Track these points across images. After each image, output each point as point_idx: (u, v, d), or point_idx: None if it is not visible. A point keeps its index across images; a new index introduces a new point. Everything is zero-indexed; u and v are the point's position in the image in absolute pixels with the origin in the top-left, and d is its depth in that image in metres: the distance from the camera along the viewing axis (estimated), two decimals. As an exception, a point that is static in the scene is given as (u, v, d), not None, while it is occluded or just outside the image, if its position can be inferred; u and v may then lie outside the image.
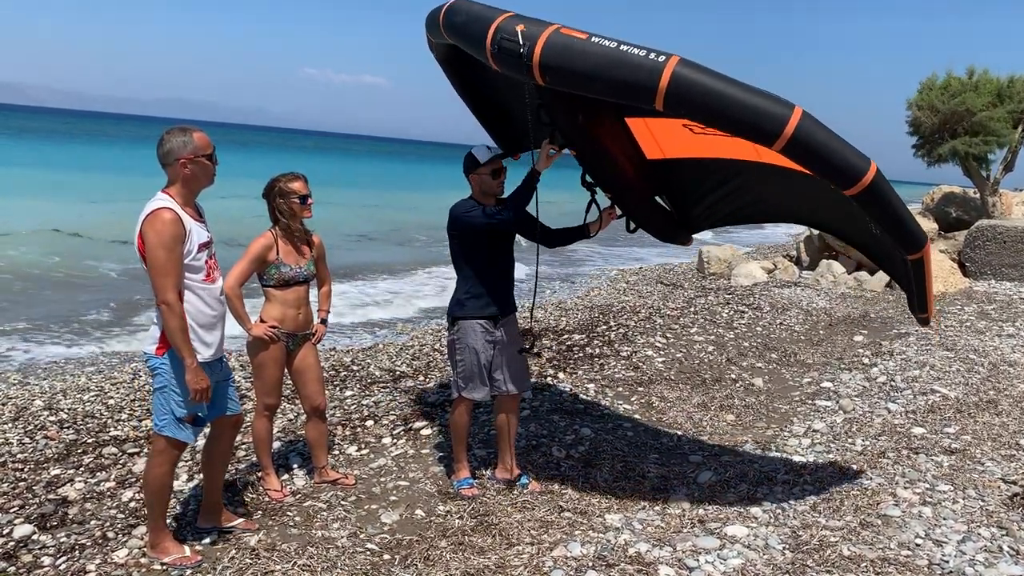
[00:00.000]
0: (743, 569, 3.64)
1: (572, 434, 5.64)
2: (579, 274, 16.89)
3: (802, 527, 4.11)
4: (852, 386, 7.06)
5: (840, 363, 7.94)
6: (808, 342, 9.03)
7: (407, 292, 13.71)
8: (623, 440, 5.56)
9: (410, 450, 5.26)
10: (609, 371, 7.46)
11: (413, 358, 7.82)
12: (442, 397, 6.42)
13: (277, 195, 4.36)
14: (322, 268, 4.64)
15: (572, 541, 3.96)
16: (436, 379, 7.03)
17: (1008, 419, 6.02)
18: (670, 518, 4.27)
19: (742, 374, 7.51)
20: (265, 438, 4.55)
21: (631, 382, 7.09)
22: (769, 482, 4.80)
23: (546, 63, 3.46)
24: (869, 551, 3.82)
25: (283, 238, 4.38)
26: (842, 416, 6.17)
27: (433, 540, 3.99)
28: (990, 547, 3.89)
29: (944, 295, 12.52)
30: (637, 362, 7.82)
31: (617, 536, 4.03)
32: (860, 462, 5.08)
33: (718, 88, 3.32)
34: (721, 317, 10.33)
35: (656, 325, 9.69)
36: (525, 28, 3.53)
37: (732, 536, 4.00)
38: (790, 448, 5.42)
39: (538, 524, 4.18)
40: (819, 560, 3.70)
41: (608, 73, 3.39)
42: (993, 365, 7.87)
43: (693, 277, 14.68)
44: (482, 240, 4.45)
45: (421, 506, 4.43)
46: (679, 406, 6.41)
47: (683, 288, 13.14)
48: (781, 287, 12.85)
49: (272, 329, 4.33)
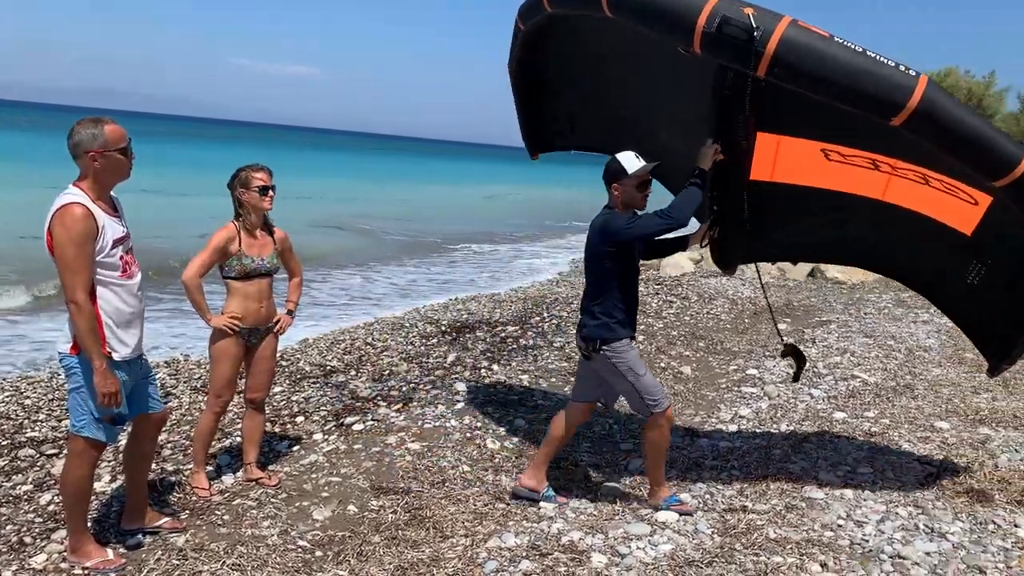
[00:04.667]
0: (673, 554, 3.71)
1: (506, 425, 5.66)
2: (513, 267, 16.97)
3: (730, 511, 4.21)
4: (776, 373, 7.25)
5: (765, 351, 8.15)
6: (734, 330, 9.24)
7: (338, 285, 13.52)
8: (556, 430, 5.59)
9: (342, 445, 5.20)
10: (543, 362, 7.50)
11: (345, 352, 7.72)
12: (374, 391, 6.37)
13: (239, 185, 4.29)
14: (291, 261, 4.63)
15: (506, 532, 3.97)
16: (368, 373, 6.96)
17: (923, 402, 6.27)
18: (602, 506, 4.32)
19: (671, 362, 7.64)
20: (207, 434, 4.44)
21: (564, 372, 7.14)
22: (697, 468, 4.91)
23: (782, 57, 3.27)
24: (794, 533, 3.93)
25: (245, 229, 4.32)
26: (767, 402, 6.34)
27: (366, 535, 3.96)
28: (907, 526, 4.04)
29: (863, 283, 12.96)
30: (570, 352, 7.87)
31: (551, 525, 4.06)
32: (785, 447, 5.23)
33: (962, 116, 3.27)
34: (651, 307, 10.48)
35: (588, 316, 9.77)
36: (756, 13, 3.31)
37: (662, 522, 4.07)
38: (717, 434, 5.54)
39: (472, 516, 4.18)
40: (746, 543, 3.80)
41: (850, 80, 3.24)
42: (909, 351, 8.19)
43: (624, 268, 14.85)
44: (633, 253, 4.19)
45: (353, 502, 4.39)
46: (611, 395, 6.48)
47: (614, 279, 13.28)
48: (708, 277, 13.12)
49: (232, 321, 4.25)
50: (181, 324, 9.41)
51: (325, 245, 17.10)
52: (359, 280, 14.20)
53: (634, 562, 3.65)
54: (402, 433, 5.40)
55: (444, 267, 16.59)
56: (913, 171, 3.86)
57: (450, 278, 15.01)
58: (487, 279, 14.86)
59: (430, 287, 13.87)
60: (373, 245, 18.68)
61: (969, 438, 5.41)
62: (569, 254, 19.12)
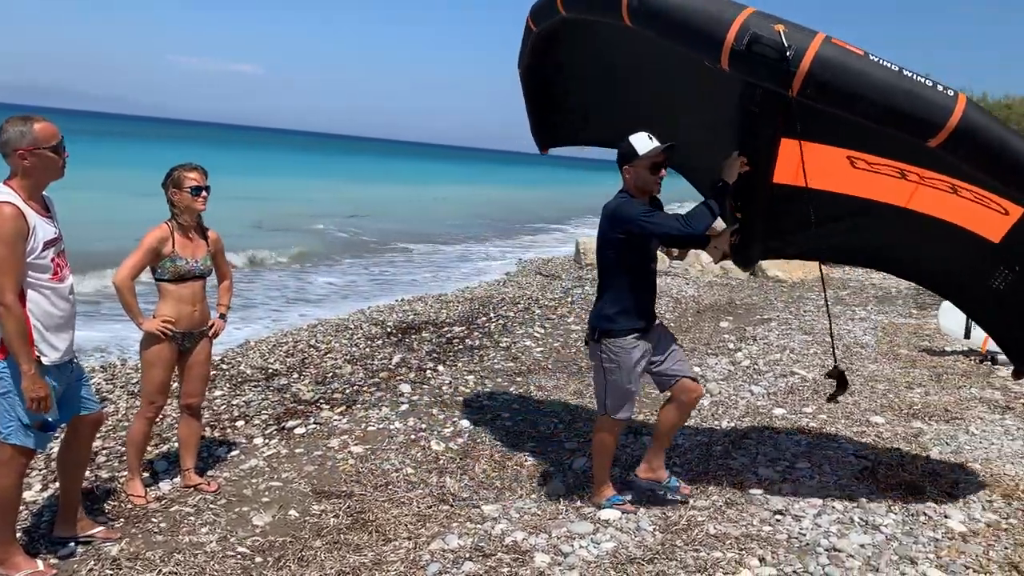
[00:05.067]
0: (615, 552, 3.73)
1: (451, 426, 5.64)
2: (461, 267, 16.94)
3: (671, 508, 4.26)
4: (718, 370, 7.36)
5: (707, 348, 8.27)
6: (677, 329, 9.35)
7: (274, 286, 13.31)
8: (502, 431, 5.60)
9: (283, 450, 5.13)
10: (489, 362, 7.50)
11: (287, 355, 7.62)
12: (317, 394, 6.29)
13: (171, 185, 4.20)
14: (222, 263, 4.54)
15: (450, 534, 3.96)
16: (311, 376, 6.87)
17: (859, 397, 6.43)
18: (546, 505, 4.34)
19: (617, 362, 7.70)
20: (140, 440, 4.33)
21: (510, 372, 7.15)
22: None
23: (816, 76, 3.18)
24: (734, 528, 3.99)
25: (179, 231, 4.22)
26: (708, 399, 6.42)
27: (307, 540, 3.90)
28: (843, 519, 4.14)
29: (803, 281, 13.24)
30: (516, 352, 7.89)
31: (494, 526, 4.05)
32: (725, 443, 5.31)
33: (1003, 137, 3.21)
34: (597, 307, 10.54)
35: (535, 315, 9.82)
36: (787, 30, 3.20)
37: (605, 520, 4.10)
38: (661, 432, 5.60)
39: (416, 518, 4.16)
40: (687, 539, 3.84)
41: (886, 100, 3.16)
42: (847, 347, 8.40)
43: (570, 268, 14.93)
44: (648, 245, 4.06)
45: (295, 506, 4.33)
46: (556, 394, 6.51)
47: (561, 279, 13.36)
48: (654, 276, 13.26)
49: (165, 324, 4.15)
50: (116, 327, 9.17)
51: (268, 245, 16.83)
52: (297, 281, 13.92)
53: (577, 561, 3.67)
54: (345, 436, 5.35)
55: (386, 267, 16.47)
56: (941, 181, 3.77)
57: (393, 278, 14.91)
58: (433, 279, 14.79)
59: (371, 287, 13.74)
60: (316, 245, 18.41)
61: (903, 432, 5.57)
62: (517, 254, 19.15)
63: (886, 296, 12.41)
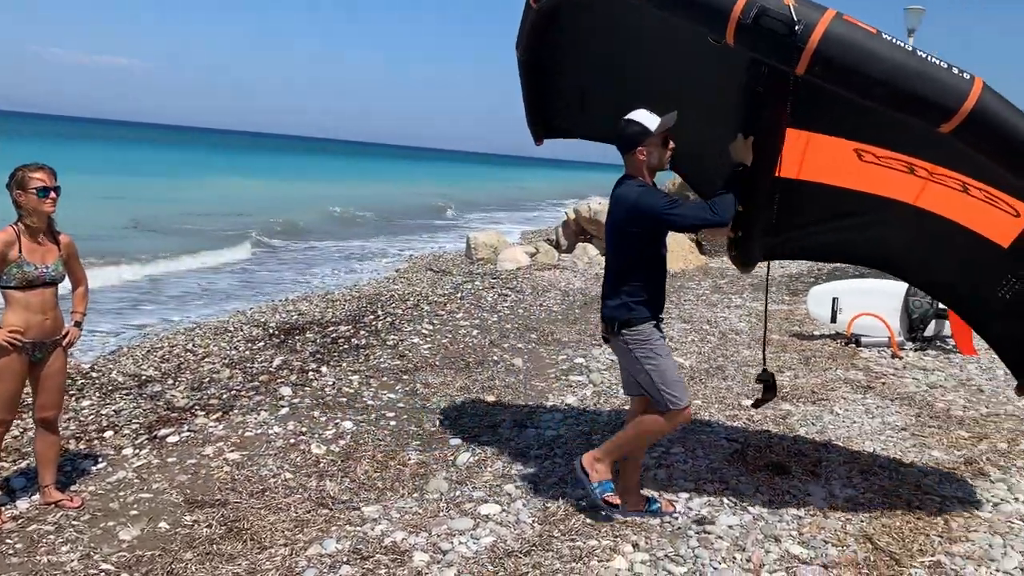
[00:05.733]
0: (493, 546, 3.77)
1: (333, 428, 5.54)
2: (349, 264, 16.68)
3: (551, 499, 4.32)
4: (602, 360, 7.51)
5: (592, 340, 8.43)
6: (565, 321, 9.50)
7: (158, 287, 12.78)
8: (385, 430, 5.55)
9: (154, 460, 4.92)
10: (375, 361, 7.41)
11: (162, 360, 7.32)
12: (192, 401, 6.07)
13: (15, 186, 3.94)
14: (76, 267, 4.28)
15: (328, 538, 3.90)
16: (187, 382, 6.63)
17: (732, 382, 6.70)
18: (428, 504, 4.32)
19: (503, 355, 7.76)
20: None
21: (396, 371, 7.09)
22: (523, 458, 5.00)
23: (825, 53, 2.99)
24: (610, 516, 4.08)
25: (27, 234, 3.97)
26: (592, 389, 6.55)
27: (177, 553, 3.77)
28: (713, 501, 4.30)
29: (684, 271, 13.67)
30: (403, 350, 7.83)
31: (374, 527, 4.02)
32: (606, 432, 5.42)
33: (1017, 121, 3.01)
34: (486, 301, 10.60)
35: (423, 312, 9.77)
36: (796, 4, 3.01)
37: (486, 515, 4.12)
38: (544, 423, 5.67)
39: (293, 524, 4.07)
40: (564, 529, 3.91)
41: (897, 81, 2.98)
42: (723, 334, 8.72)
43: (462, 263, 14.93)
44: (664, 234, 3.92)
45: (165, 518, 4.16)
46: (443, 391, 6.50)
47: (451, 274, 13.34)
48: (542, 270, 13.42)
49: (12, 335, 3.89)
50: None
51: (130, 246, 16.09)
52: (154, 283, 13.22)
53: (456, 558, 3.68)
54: (221, 443, 5.18)
55: (268, 265, 16.04)
56: (952, 178, 3.64)
57: (273, 277, 14.54)
58: (317, 277, 14.51)
59: (248, 287, 13.31)
60: (184, 244, 17.58)
61: (772, 415, 5.82)
62: (406, 250, 19.02)
63: (760, 284, 12.96)
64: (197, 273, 14.38)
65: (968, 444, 5.39)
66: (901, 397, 6.42)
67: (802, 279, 13.14)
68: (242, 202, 28.74)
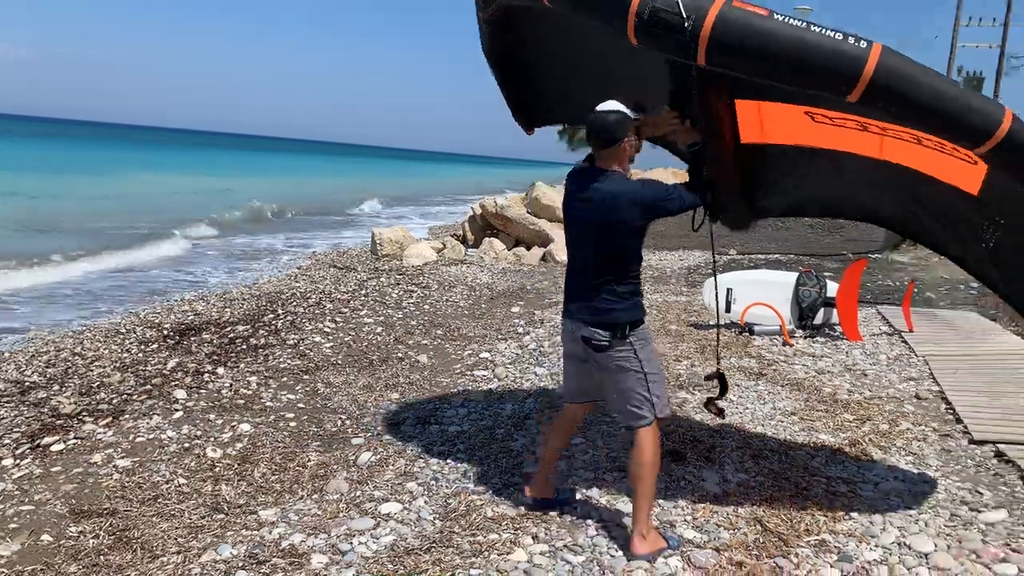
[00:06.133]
0: (393, 545, 3.75)
1: (230, 431, 5.40)
2: (248, 262, 16.25)
3: (453, 495, 4.33)
4: (507, 354, 7.56)
5: (498, 334, 8.48)
6: (471, 316, 9.52)
7: (50, 290, 12.16)
8: (284, 432, 5.44)
9: (37, 470, 4.69)
10: (274, 361, 7.25)
11: (48, 365, 6.98)
12: (80, 407, 5.81)
13: None
14: None
15: (223, 543, 3.80)
16: (74, 387, 6.34)
17: (633, 373, 6.83)
18: (327, 505, 4.26)
19: (408, 352, 7.71)
20: None
21: (297, 371, 6.96)
22: (426, 455, 4.99)
23: (719, 40, 2.95)
24: (511, 510, 4.13)
25: None
26: (496, 383, 6.59)
27: (61, 567, 3.61)
28: (611, 491, 4.39)
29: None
30: (304, 349, 7.69)
31: (271, 531, 3.94)
32: (508, 426, 5.47)
33: (926, 80, 2.95)
34: (391, 298, 10.52)
35: (326, 310, 9.61)
36: None
37: (386, 514, 4.10)
38: (447, 419, 5.67)
39: (187, 531, 3.95)
40: (465, 524, 3.93)
41: (798, 59, 2.93)
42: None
43: (367, 260, 14.77)
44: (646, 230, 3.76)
45: (48, 530, 3.97)
46: (345, 390, 6.41)
47: (356, 271, 13.18)
48: (449, 265, 13.40)
49: None
50: None
51: (14, 248, 15.28)
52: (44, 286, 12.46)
53: (355, 558, 3.65)
54: (110, 450, 4.98)
55: (169, 263, 15.50)
56: (903, 132, 3.56)
57: (172, 275, 14.06)
58: (212, 274, 14.09)
59: (145, 286, 12.86)
60: (81, 244, 16.83)
61: (671, 402, 5.96)
62: (309, 247, 18.68)
63: (661, 276, 13.30)
64: (94, 274, 13.72)
65: (852, 426, 5.67)
66: (791, 383, 6.70)
67: (699, 271, 13.53)
68: (151, 199, 27.66)
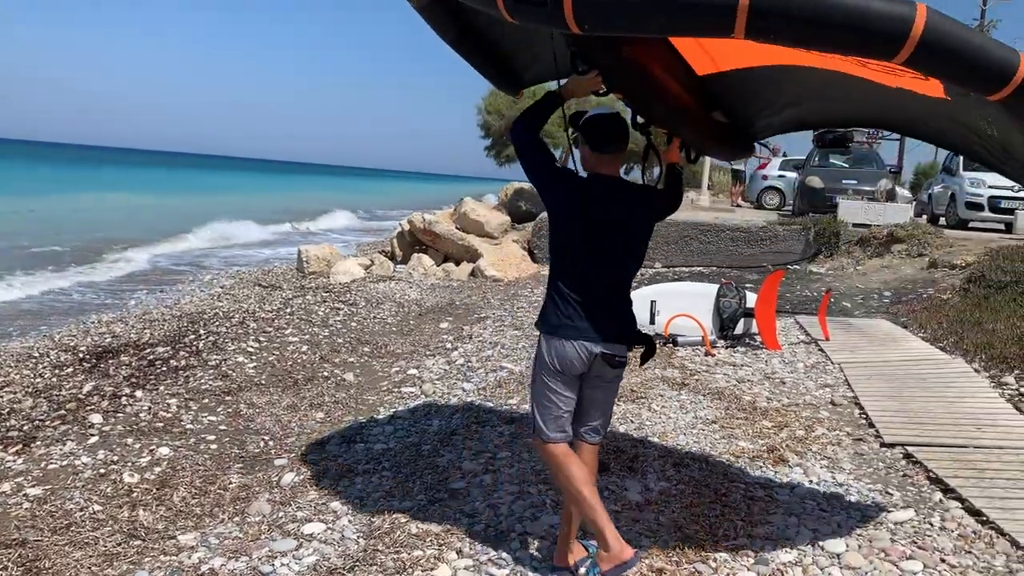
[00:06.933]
0: (316, 565, 3.71)
1: (148, 455, 5.27)
2: (170, 282, 15.83)
3: (377, 513, 4.31)
4: (435, 371, 7.56)
5: (426, 350, 8.47)
6: (399, 332, 9.49)
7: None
8: (206, 454, 5.34)
9: (-60, 501, 4.50)
10: (195, 383, 7.10)
11: (-47, 392, 6.69)
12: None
13: None
14: None
15: (140, 570, 3.72)
16: (-18, 414, 6.10)
17: (559, 386, 6.91)
18: (249, 527, 4.19)
19: (334, 370, 7.65)
20: None
21: (219, 392, 6.83)
22: (351, 474, 4.95)
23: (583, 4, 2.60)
24: (436, 526, 4.12)
25: None
26: (423, 400, 6.58)
27: (-35, 603, 3.47)
28: (536, 502, 4.43)
29: (519, 279, 13.99)
30: (227, 370, 7.55)
31: (191, 555, 3.86)
32: (435, 441, 5.47)
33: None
34: (317, 316, 10.40)
35: (250, 329, 9.45)
36: None
37: (309, 534, 4.05)
38: (373, 437, 5.64)
39: (101, 558, 3.85)
40: (389, 542, 3.91)
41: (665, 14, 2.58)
42: (552, 340, 8.97)
43: (293, 277, 14.54)
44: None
45: (-48, 566, 3.82)
46: (268, 411, 6.32)
47: (281, 289, 12.97)
48: (377, 282, 13.31)
49: None
50: None
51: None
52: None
53: (276, 580, 3.60)
54: (20, 478, 4.81)
55: (74, 283, 14.99)
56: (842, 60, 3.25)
57: (80, 296, 13.61)
58: (142, 294, 13.70)
59: (54, 308, 12.43)
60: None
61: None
62: (232, 266, 18.31)
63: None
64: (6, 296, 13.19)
65: (771, 433, 5.84)
66: (712, 392, 6.86)
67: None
68: (73, 218, 26.67)
